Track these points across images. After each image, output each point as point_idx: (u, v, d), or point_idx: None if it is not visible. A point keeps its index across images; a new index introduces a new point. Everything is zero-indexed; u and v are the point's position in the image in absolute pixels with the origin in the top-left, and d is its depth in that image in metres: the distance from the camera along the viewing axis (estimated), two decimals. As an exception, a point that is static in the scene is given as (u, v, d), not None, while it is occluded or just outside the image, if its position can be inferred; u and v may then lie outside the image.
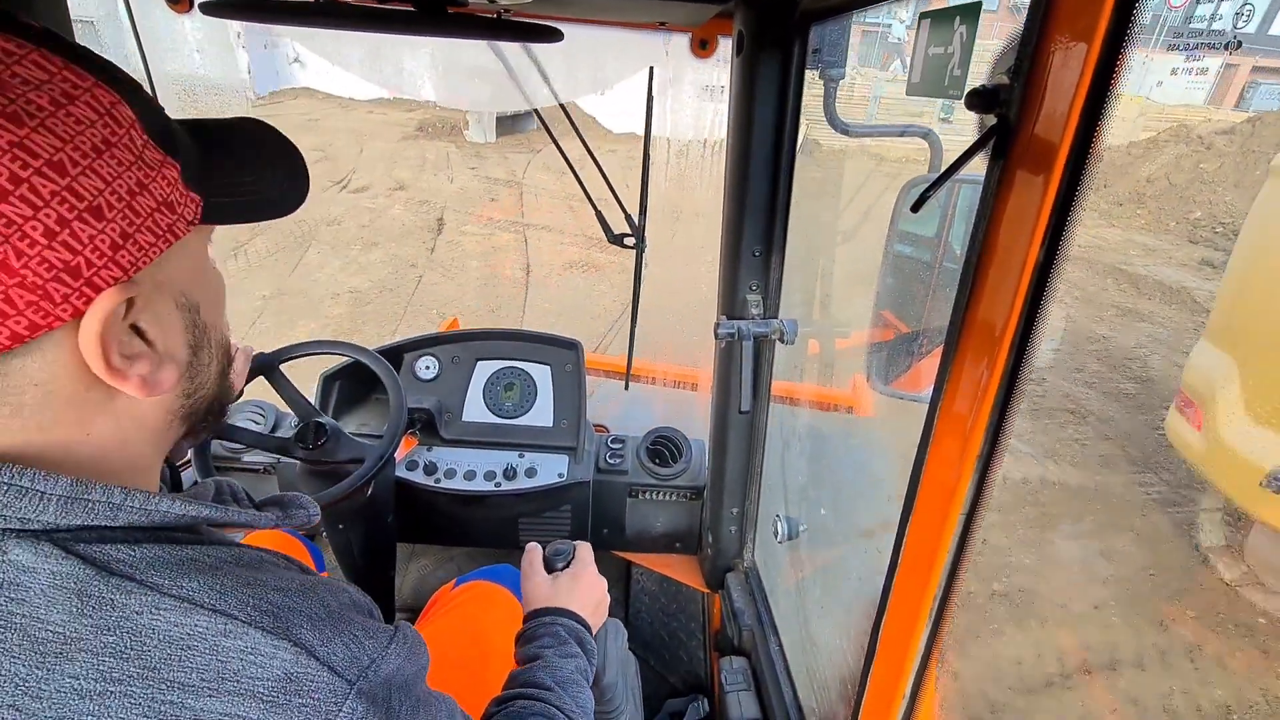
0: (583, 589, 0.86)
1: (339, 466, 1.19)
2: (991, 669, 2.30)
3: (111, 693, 0.35)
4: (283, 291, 5.56)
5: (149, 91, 0.40)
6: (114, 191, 0.36)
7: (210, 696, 0.37)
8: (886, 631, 0.75)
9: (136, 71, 1.30)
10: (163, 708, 0.36)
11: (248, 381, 1.10)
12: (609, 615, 0.95)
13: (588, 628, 0.81)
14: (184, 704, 0.36)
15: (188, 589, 0.38)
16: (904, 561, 0.69)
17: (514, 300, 5.64)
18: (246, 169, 0.47)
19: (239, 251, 6.32)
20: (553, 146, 1.41)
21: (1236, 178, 8.14)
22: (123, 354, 0.39)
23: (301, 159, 0.51)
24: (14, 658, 0.35)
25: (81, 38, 1.04)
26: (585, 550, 0.92)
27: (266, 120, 0.51)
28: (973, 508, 0.59)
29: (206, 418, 0.51)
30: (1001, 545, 2.84)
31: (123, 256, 0.37)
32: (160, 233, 0.39)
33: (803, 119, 1.00)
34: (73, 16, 1.01)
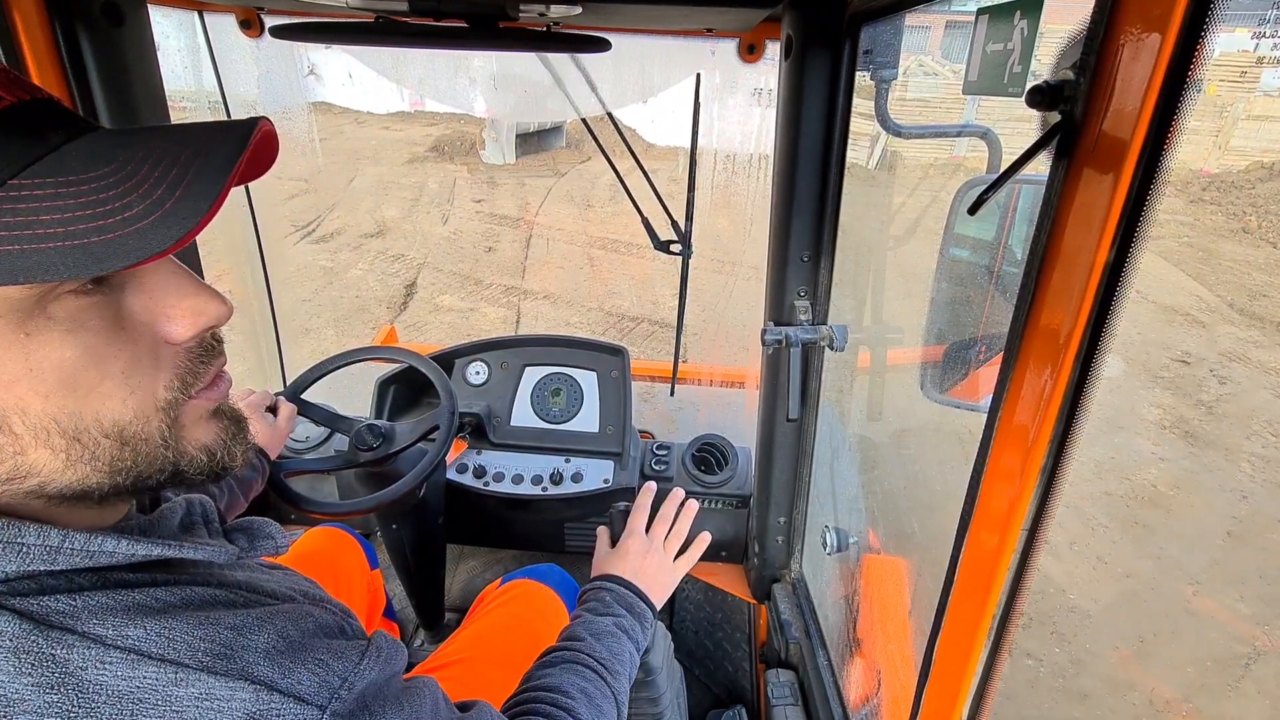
0: (625, 555, 0.89)
1: (393, 469, 1.23)
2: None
3: None
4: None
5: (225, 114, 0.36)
6: None
7: None
8: (941, 651, 0.72)
9: (214, 95, 1.38)
10: None
11: (295, 421, 1.16)
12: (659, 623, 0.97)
13: (635, 590, 0.84)
14: None
15: (133, 638, 0.35)
16: (960, 578, 0.66)
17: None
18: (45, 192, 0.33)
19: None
20: (577, 172, 1.43)
21: None
22: None
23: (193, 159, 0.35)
24: None
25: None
26: (635, 517, 0.94)
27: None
28: (1035, 523, 0.56)
29: (124, 493, 0.41)
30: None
31: None
32: None
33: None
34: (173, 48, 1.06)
